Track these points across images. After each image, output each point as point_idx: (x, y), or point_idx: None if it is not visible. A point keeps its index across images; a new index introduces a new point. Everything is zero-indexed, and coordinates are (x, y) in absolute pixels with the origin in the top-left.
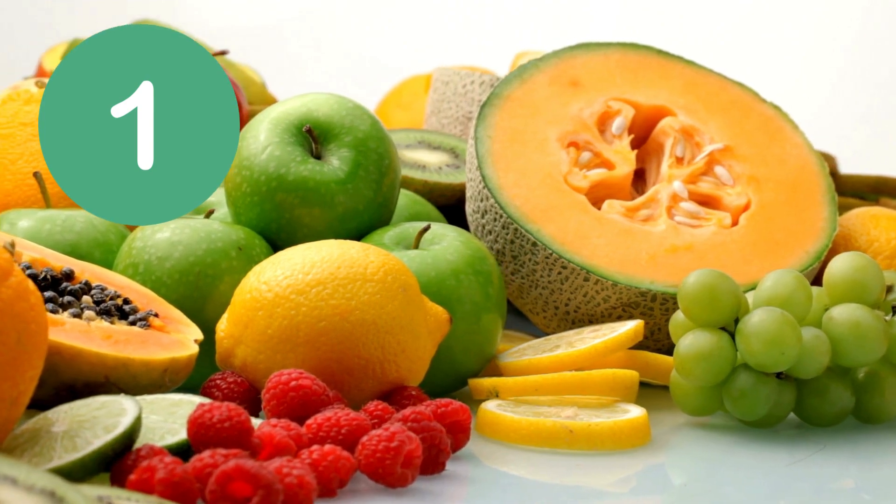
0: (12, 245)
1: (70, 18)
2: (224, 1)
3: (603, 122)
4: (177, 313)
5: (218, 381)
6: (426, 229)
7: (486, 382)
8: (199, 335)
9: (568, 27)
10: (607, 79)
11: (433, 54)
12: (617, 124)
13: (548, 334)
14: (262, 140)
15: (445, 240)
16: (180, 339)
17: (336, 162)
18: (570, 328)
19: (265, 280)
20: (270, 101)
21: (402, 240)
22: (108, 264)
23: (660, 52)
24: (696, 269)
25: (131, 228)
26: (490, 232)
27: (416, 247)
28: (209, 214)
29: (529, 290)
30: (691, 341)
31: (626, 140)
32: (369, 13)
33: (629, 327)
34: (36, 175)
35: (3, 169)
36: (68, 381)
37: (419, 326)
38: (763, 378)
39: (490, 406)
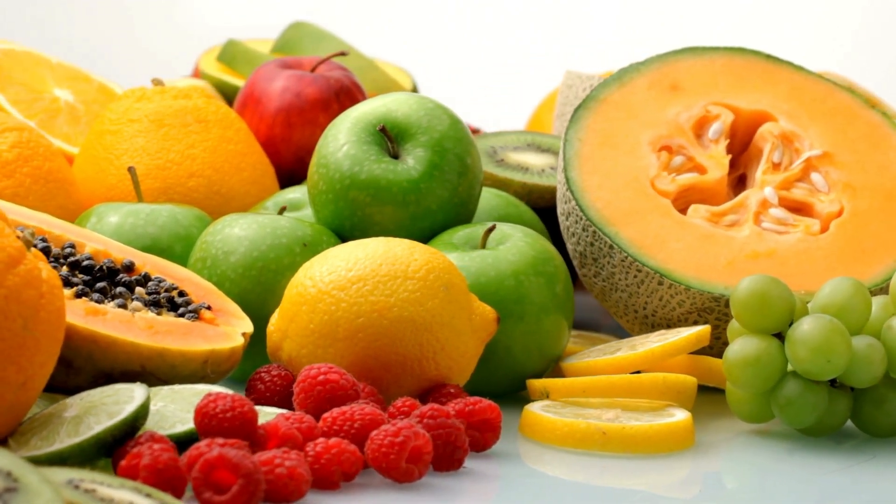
0: (32, 235)
1: (228, 21)
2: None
3: (701, 127)
4: (232, 307)
5: (262, 375)
6: (491, 229)
7: (538, 383)
8: (249, 329)
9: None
10: (709, 83)
11: (598, 58)
12: (714, 129)
13: None
14: (340, 139)
15: (511, 240)
16: (227, 331)
17: (411, 161)
18: (651, 332)
19: (310, 275)
20: None
21: (470, 239)
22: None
23: (768, 57)
24: (776, 276)
25: None
26: (573, 234)
27: (483, 246)
28: (282, 211)
29: (611, 294)
30: (739, 347)
31: (722, 145)
32: (535, 15)
33: (691, 332)
34: (130, 170)
35: (108, 164)
36: (105, 370)
37: (462, 325)
38: (812, 386)
39: (534, 407)
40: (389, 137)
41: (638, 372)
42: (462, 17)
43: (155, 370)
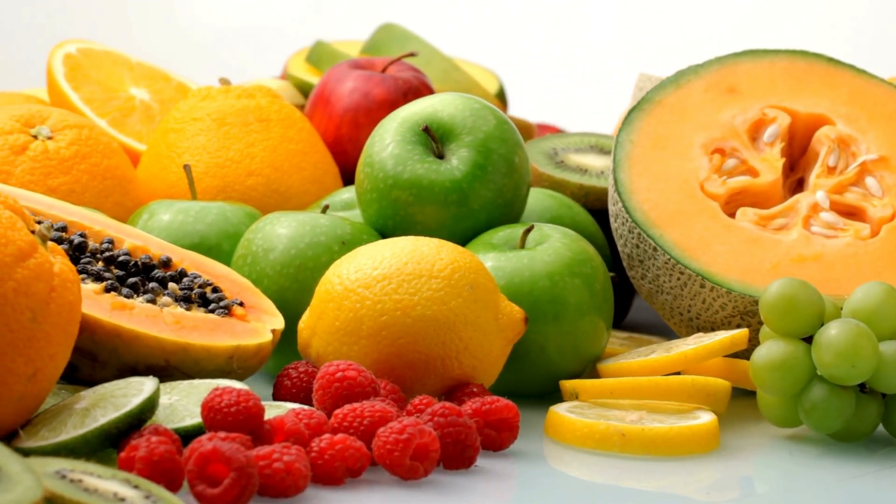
0: (49, 229)
1: (317, 23)
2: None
3: (756, 130)
4: (266, 304)
5: (290, 371)
6: (529, 230)
7: (569, 384)
8: (280, 325)
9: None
10: (768, 86)
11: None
12: (769, 132)
13: None
14: (386, 139)
15: (549, 241)
16: (256, 327)
17: (455, 161)
18: None
19: (338, 273)
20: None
21: (510, 240)
22: None
23: (829, 60)
24: (821, 280)
25: None
26: (621, 236)
27: (522, 247)
28: (325, 210)
29: (657, 296)
30: (765, 351)
31: (777, 148)
32: (634, 18)
33: (726, 335)
34: (185, 167)
35: (169, 161)
36: (130, 363)
37: (487, 324)
38: (838, 391)
39: (559, 408)
40: (433, 137)
41: (678, 373)
42: (558, 20)
43: (179, 364)
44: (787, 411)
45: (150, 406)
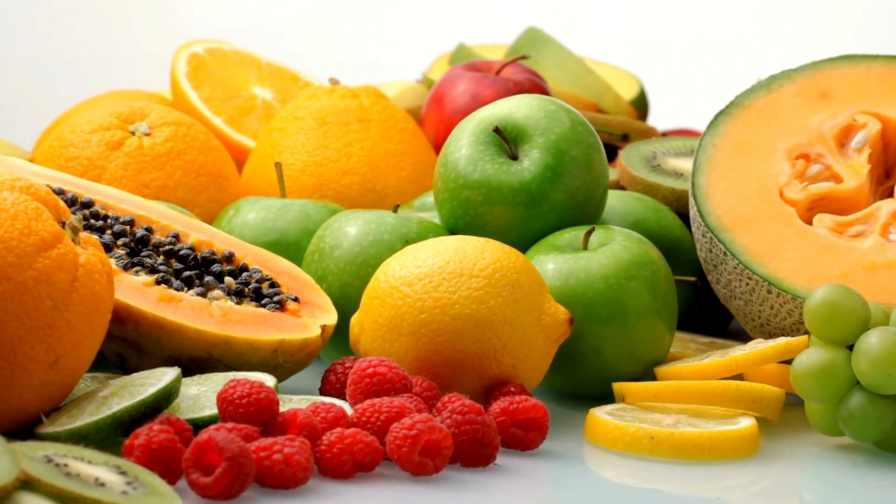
0: (80, 221)
1: (459, 26)
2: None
3: (845, 136)
4: (323, 300)
5: (336, 366)
6: (591, 232)
7: (618, 387)
8: (332, 321)
9: None
10: (862, 91)
11: None
12: (857, 138)
13: None
14: (461, 140)
15: (610, 243)
16: (306, 322)
17: (526, 163)
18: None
19: (385, 270)
20: (626, 111)
21: (575, 241)
22: None
23: None
24: (890, 288)
25: None
26: (697, 240)
27: (585, 248)
28: (396, 208)
29: (731, 301)
30: (806, 357)
31: (865, 154)
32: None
33: (781, 341)
34: (276, 165)
35: (271, 159)
36: (174, 355)
37: (528, 324)
38: (878, 400)
39: (598, 410)
40: (505, 138)
41: (741, 377)
42: (703, 24)
43: (221, 357)
44: (833, 419)
45: (165, 396)
